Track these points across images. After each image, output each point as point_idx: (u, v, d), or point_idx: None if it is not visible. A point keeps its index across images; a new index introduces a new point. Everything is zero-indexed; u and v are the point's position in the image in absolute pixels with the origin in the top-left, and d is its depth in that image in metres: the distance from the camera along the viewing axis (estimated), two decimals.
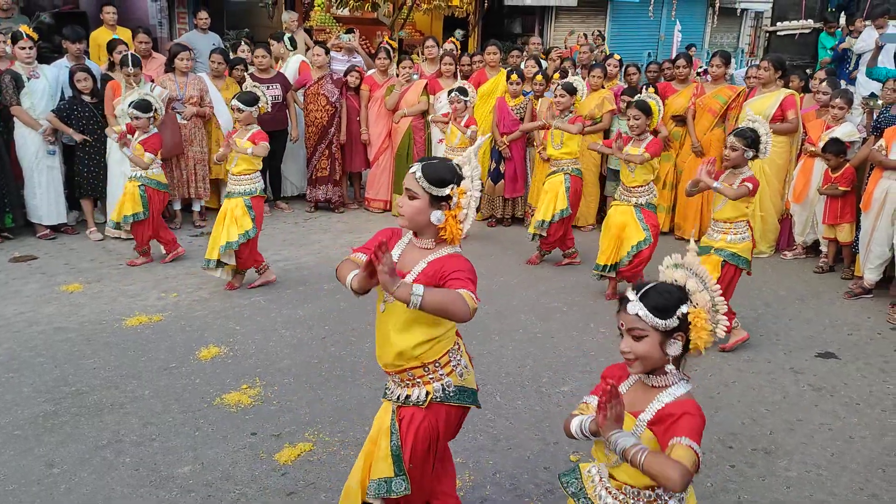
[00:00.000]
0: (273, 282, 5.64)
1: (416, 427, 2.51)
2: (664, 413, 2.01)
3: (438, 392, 2.50)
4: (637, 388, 2.14)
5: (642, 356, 2.03)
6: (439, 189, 2.35)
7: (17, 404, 3.86)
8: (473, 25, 12.67)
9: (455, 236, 2.40)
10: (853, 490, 3.40)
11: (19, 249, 6.27)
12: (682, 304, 2.02)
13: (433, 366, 2.49)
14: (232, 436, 3.63)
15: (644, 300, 2.02)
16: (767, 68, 6.54)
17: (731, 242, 4.57)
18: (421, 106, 7.55)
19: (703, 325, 2.01)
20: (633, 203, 5.41)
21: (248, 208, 5.31)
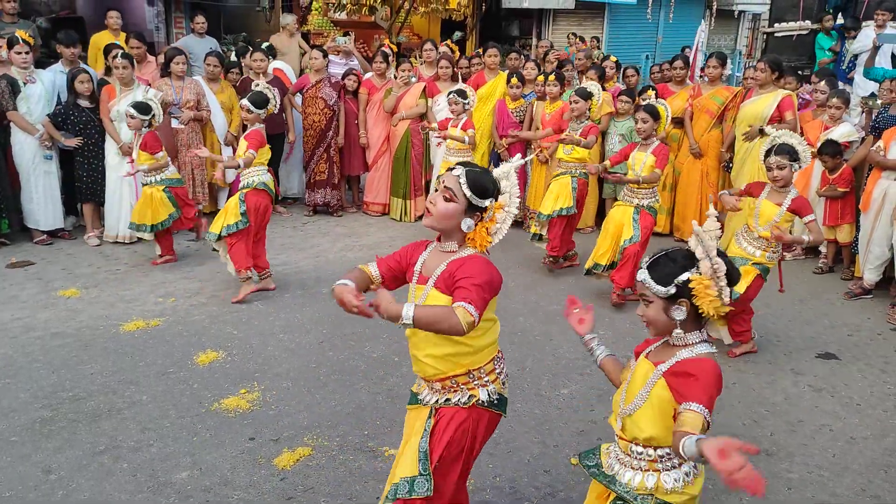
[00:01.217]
0: (272, 289, 5.61)
1: (455, 425, 2.45)
2: (682, 367, 2.11)
3: (484, 397, 2.46)
4: (662, 347, 2.24)
5: (650, 320, 2.18)
6: (480, 199, 2.34)
7: (14, 410, 3.84)
8: (471, 28, 12.67)
9: (483, 246, 2.40)
10: (855, 491, 3.38)
11: (16, 255, 6.25)
12: (685, 272, 2.10)
13: (478, 372, 2.46)
14: (230, 441, 3.61)
15: (650, 268, 2.16)
16: (764, 69, 6.53)
17: (770, 260, 4.50)
18: (419, 109, 7.54)
19: (707, 291, 2.08)
20: (635, 204, 5.39)
21: (241, 202, 5.26)
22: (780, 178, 4.32)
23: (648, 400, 2.13)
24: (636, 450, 2.19)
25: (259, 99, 5.32)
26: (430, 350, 2.43)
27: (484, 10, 12.47)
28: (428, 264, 2.46)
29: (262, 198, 5.35)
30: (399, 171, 7.70)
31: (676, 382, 2.08)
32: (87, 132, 6.44)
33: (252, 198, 5.27)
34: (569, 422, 3.87)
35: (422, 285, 2.44)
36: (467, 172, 2.36)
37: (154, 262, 6.09)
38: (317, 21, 13.07)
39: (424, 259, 2.48)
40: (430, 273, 2.42)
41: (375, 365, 4.45)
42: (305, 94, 7.61)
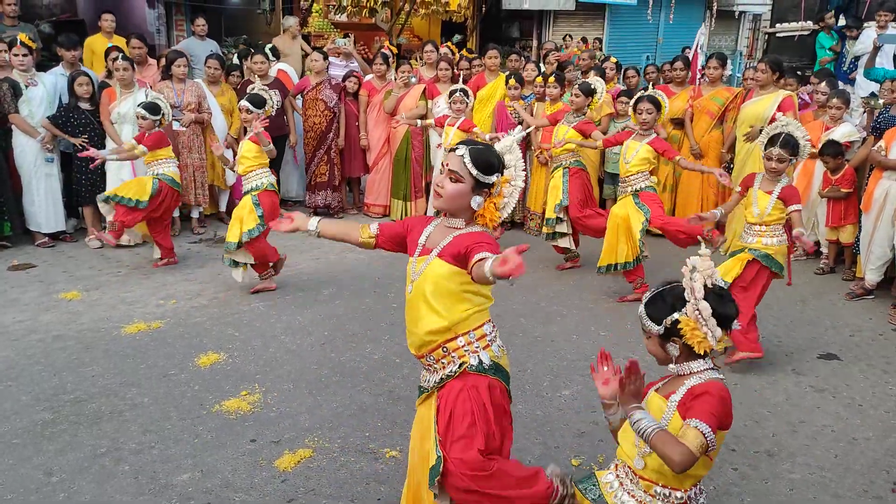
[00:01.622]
0: (273, 289, 5.62)
1: (454, 397, 2.44)
2: (691, 394, 2.12)
3: (474, 362, 2.45)
4: (671, 379, 2.25)
5: (652, 353, 2.24)
6: (486, 175, 2.35)
7: (15, 413, 3.84)
8: (471, 30, 12.68)
9: (493, 222, 2.40)
10: (857, 492, 3.37)
11: (18, 257, 6.26)
12: (674, 312, 2.14)
13: (467, 336, 2.44)
14: (231, 443, 3.61)
15: (647, 305, 2.21)
16: (765, 70, 6.53)
17: (767, 245, 4.39)
18: (419, 111, 7.54)
19: (693, 332, 2.11)
20: (631, 191, 5.38)
21: (256, 205, 5.30)
22: (778, 169, 4.33)
23: None
24: (662, 492, 2.16)
25: (257, 99, 5.33)
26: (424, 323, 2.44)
27: (484, 12, 12.47)
28: (433, 238, 2.48)
29: (274, 198, 5.45)
30: (399, 172, 7.70)
31: (685, 409, 2.10)
32: (86, 134, 6.44)
33: (266, 199, 5.34)
34: (570, 423, 3.86)
35: (424, 256, 2.46)
36: (470, 150, 2.36)
37: (155, 264, 6.10)
38: (317, 23, 13.09)
39: (429, 233, 2.50)
40: (434, 245, 2.44)
41: (377, 366, 4.45)
42: (306, 96, 7.62)
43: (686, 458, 1.95)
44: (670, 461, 1.97)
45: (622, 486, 2.23)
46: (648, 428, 2.01)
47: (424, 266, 2.43)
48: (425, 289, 2.42)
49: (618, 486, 2.25)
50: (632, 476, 2.21)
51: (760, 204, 4.38)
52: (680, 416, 2.09)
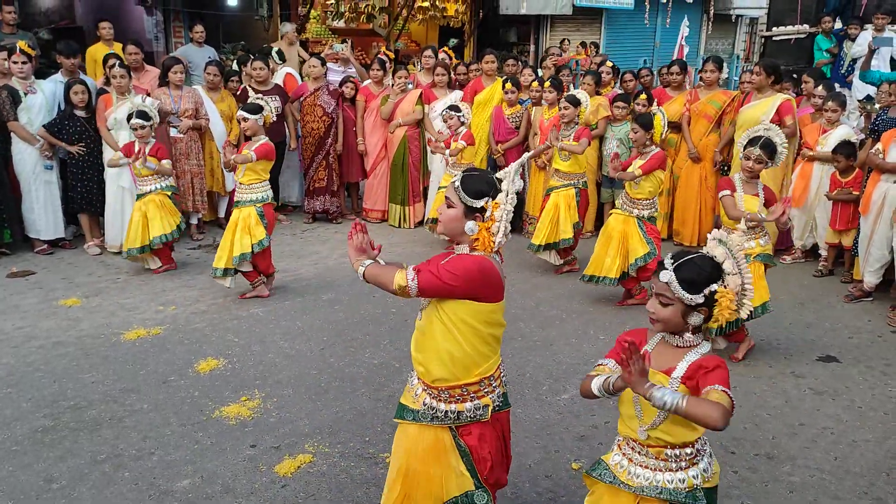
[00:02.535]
0: (266, 297, 5.61)
1: (489, 441, 2.60)
2: (695, 367, 2.15)
3: (497, 402, 2.59)
4: (662, 349, 2.27)
5: (664, 319, 2.20)
6: (474, 200, 2.44)
7: (15, 419, 3.84)
8: (469, 35, 12.71)
9: (487, 247, 2.45)
10: (857, 494, 3.38)
11: (17, 264, 6.26)
12: (713, 283, 2.14)
13: (488, 380, 2.55)
14: (231, 448, 3.61)
15: (678, 271, 2.15)
16: (759, 73, 6.55)
17: (765, 245, 4.60)
18: (416, 115, 7.56)
19: (728, 304, 2.13)
20: (636, 215, 5.39)
21: (261, 216, 5.35)
22: (756, 170, 4.50)
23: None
24: (673, 453, 2.23)
25: (253, 106, 5.37)
26: (447, 347, 2.46)
27: (481, 17, 12.51)
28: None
29: (272, 210, 5.61)
30: (397, 177, 7.71)
31: (694, 383, 2.13)
32: (81, 142, 6.42)
33: (269, 211, 5.47)
34: (570, 427, 3.87)
35: None
36: (462, 178, 2.47)
37: (155, 270, 6.10)
38: (315, 29, 13.14)
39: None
40: None
41: (376, 371, 4.45)
42: (304, 101, 7.63)
43: (725, 413, 1.97)
44: (712, 420, 1.96)
45: (632, 462, 2.29)
46: (677, 399, 2.00)
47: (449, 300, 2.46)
48: (432, 317, 2.49)
49: (627, 462, 2.30)
50: (639, 448, 2.27)
51: (749, 207, 4.51)
52: (687, 391, 2.13)
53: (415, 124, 7.63)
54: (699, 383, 2.12)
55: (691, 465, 2.23)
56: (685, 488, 2.21)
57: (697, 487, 2.22)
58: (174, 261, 6.21)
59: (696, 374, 2.14)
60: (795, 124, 6.58)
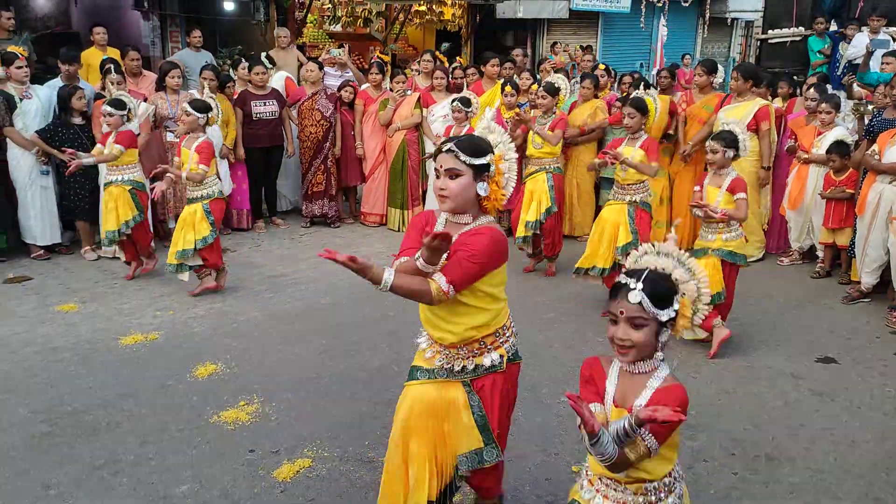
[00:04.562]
0: (214, 288, 5.65)
1: (499, 392, 2.59)
2: (657, 397, 2.03)
3: (510, 351, 2.60)
4: (623, 379, 2.13)
5: (639, 344, 2.02)
6: (482, 159, 2.39)
7: (12, 425, 3.82)
8: (466, 39, 12.73)
9: (498, 203, 2.46)
10: (857, 495, 3.37)
11: (14, 270, 6.24)
12: (676, 293, 2.04)
13: (502, 329, 2.58)
14: (230, 453, 3.59)
15: (652, 292, 1.99)
16: (738, 78, 6.58)
17: (728, 241, 4.72)
18: (414, 119, 7.56)
19: (686, 313, 2.05)
20: (628, 201, 5.37)
21: (207, 213, 5.40)
22: (711, 160, 4.73)
23: None
24: (653, 486, 2.11)
25: (200, 104, 5.40)
26: (466, 315, 2.49)
27: (478, 21, 12.53)
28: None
29: (223, 205, 5.65)
30: (396, 181, 7.71)
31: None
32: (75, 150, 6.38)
33: (217, 207, 5.50)
34: (570, 429, 3.85)
35: None
36: (457, 143, 2.41)
37: (128, 276, 6.04)
38: (312, 33, 13.13)
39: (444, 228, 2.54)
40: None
41: (376, 375, 4.44)
42: (302, 106, 7.63)
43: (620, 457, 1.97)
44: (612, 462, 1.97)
45: (607, 499, 2.15)
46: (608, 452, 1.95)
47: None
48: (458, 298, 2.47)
49: (602, 500, 2.16)
50: (615, 485, 2.14)
51: (710, 198, 4.71)
52: None
53: (413, 128, 7.63)
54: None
55: (669, 493, 2.14)
56: None
57: None
58: (141, 260, 6.09)
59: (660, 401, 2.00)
60: (772, 130, 6.61)
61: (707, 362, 4.70)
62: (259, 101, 7.37)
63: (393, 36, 13.33)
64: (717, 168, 4.74)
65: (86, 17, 11.06)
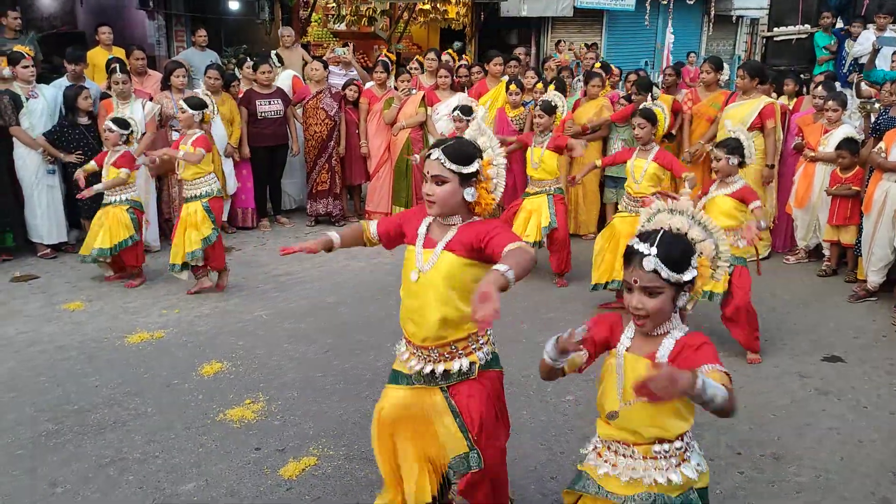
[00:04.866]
0: (213, 288, 5.62)
1: (476, 399, 2.52)
2: (681, 347, 2.00)
3: (483, 359, 2.54)
4: (641, 337, 2.10)
5: (654, 311, 1.98)
6: (468, 166, 2.38)
7: (19, 424, 3.84)
8: (470, 37, 12.72)
9: (489, 207, 2.44)
10: (864, 494, 3.36)
11: (20, 269, 6.26)
12: (692, 254, 1.98)
13: (475, 336, 2.52)
14: (236, 451, 3.60)
15: (665, 255, 1.93)
16: (743, 76, 6.56)
17: (735, 246, 4.59)
18: (419, 118, 7.56)
19: (706, 272, 1.99)
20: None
21: (208, 211, 5.39)
22: (716, 168, 4.65)
23: None
24: (662, 449, 2.06)
25: (195, 101, 5.43)
26: (442, 312, 2.44)
27: (482, 19, 12.52)
28: (434, 231, 2.52)
29: (221, 203, 5.67)
30: (400, 179, 7.71)
31: (684, 364, 1.94)
32: (82, 150, 6.40)
33: (217, 205, 5.51)
34: (575, 428, 3.85)
35: (430, 248, 2.48)
36: (444, 149, 2.39)
37: (108, 278, 5.98)
38: (316, 32, 13.13)
39: (429, 224, 2.54)
40: (438, 237, 2.47)
41: (381, 374, 4.44)
42: (306, 105, 7.64)
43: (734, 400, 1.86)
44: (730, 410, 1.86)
45: (616, 466, 2.11)
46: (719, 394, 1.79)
47: (434, 258, 2.44)
48: (438, 281, 2.43)
49: (611, 468, 2.13)
50: (623, 449, 2.11)
51: (716, 204, 4.63)
52: None
53: (418, 127, 7.63)
54: (687, 361, 1.94)
55: (682, 460, 2.08)
56: (680, 487, 2.06)
57: (692, 489, 2.09)
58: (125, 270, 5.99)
59: (682, 352, 1.99)
60: (777, 127, 6.59)
61: None
62: (264, 100, 7.38)
63: (397, 35, 13.32)
64: (723, 176, 4.63)
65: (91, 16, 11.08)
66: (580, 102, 7.48)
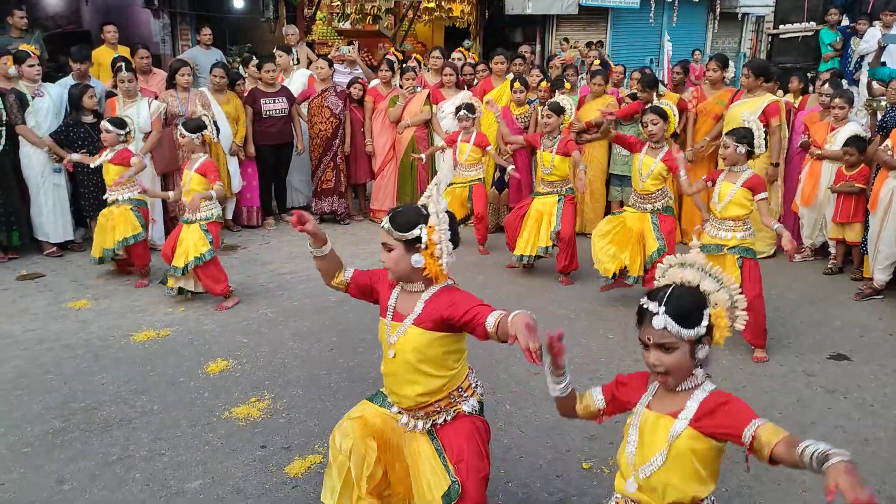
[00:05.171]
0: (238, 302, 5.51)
1: (464, 432, 2.55)
2: (708, 406, 1.98)
3: (468, 410, 2.59)
4: (664, 394, 2.08)
5: (674, 368, 1.97)
6: (409, 233, 2.41)
7: (26, 421, 3.85)
8: (475, 35, 12.72)
9: (436, 274, 2.44)
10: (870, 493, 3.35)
11: (27, 267, 6.29)
12: (705, 308, 1.97)
13: (457, 392, 2.57)
14: (242, 449, 3.61)
15: (671, 313, 1.94)
16: (748, 75, 6.55)
17: (743, 239, 4.61)
18: (424, 115, 7.56)
19: (724, 323, 1.97)
20: (650, 210, 5.34)
21: (206, 232, 5.28)
22: (725, 156, 4.65)
23: (675, 455, 2.00)
24: None
25: (192, 125, 5.32)
26: (413, 388, 2.53)
27: (487, 17, 12.51)
28: (402, 303, 2.56)
29: (219, 229, 5.51)
30: (405, 178, 7.71)
31: (713, 422, 1.95)
32: (87, 148, 6.41)
33: (215, 229, 5.38)
34: (580, 426, 3.85)
35: (398, 322, 2.54)
36: (390, 218, 2.46)
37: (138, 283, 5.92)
38: (321, 31, 13.16)
39: (397, 296, 2.58)
40: (405, 312, 2.52)
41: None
42: (311, 103, 7.65)
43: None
44: None
45: None
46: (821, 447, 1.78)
47: (402, 332, 2.51)
48: (409, 357, 2.50)
49: None
50: None
51: (722, 192, 4.62)
52: (700, 435, 1.97)
53: (423, 125, 7.63)
54: (725, 421, 1.94)
55: None
56: None
57: None
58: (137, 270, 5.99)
59: (714, 411, 1.96)
60: (782, 125, 6.57)
61: (717, 359, 4.69)
62: (269, 99, 7.39)
63: (402, 33, 13.33)
64: (730, 164, 4.62)
65: (97, 15, 11.12)
66: (584, 100, 7.47)
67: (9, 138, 6.34)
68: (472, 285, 6.00)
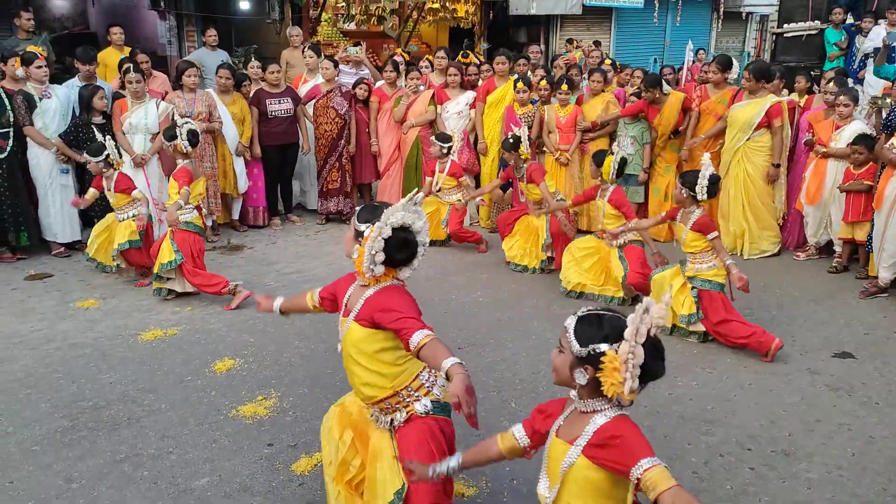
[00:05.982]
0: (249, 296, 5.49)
1: (414, 438, 2.59)
2: (602, 436, 1.99)
3: (421, 409, 2.61)
4: (573, 417, 2.12)
5: (556, 366, 2.09)
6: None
7: (35, 420, 3.89)
8: (479, 35, 12.73)
9: (358, 270, 2.55)
10: (875, 491, 3.36)
11: (35, 267, 6.33)
12: (605, 343, 1.96)
13: (406, 391, 2.61)
14: (249, 447, 3.64)
15: (580, 321, 2.04)
16: (749, 78, 6.55)
17: (699, 271, 4.78)
18: (428, 115, 7.58)
19: (614, 371, 1.92)
20: (616, 245, 5.54)
21: (171, 241, 5.34)
22: (676, 199, 4.89)
23: (572, 482, 2.03)
24: None
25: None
26: (360, 377, 2.62)
27: (491, 18, 12.52)
28: (352, 298, 2.66)
29: (189, 235, 5.44)
30: (410, 177, 7.73)
31: (604, 454, 1.97)
32: None
33: (181, 236, 5.38)
34: None
35: (346, 318, 2.64)
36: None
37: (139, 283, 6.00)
38: (326, 32, 13.19)
39: (350, 293, 2.68)
40: (352, 306, 2.62)
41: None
42: (317, 103, 7.67)
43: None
44: None
45: None
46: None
47: (346, 328, 2.62)
48: (351, 352, 2.61)
49: None
50: None
51: (679, 233, 4.88)
52: (592, 465, 1.99)
53: (428, 125, 7.65)
54: (615, 457, 1.95)
55: None
56: None
57: None
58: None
59: (605, 444, 1.97)
60: (785, 125, 6.57)
61: (722, 357, 4.70)
62: (274, 100, 7.42)
63: (406, 34, 13.36)
64: (679, 206, 4.87)
65: (103, 17, 11.18)
66: (583, 98, 7.48)
67: (17, 139, 6.39)
68: (474, 284, 6.03)
